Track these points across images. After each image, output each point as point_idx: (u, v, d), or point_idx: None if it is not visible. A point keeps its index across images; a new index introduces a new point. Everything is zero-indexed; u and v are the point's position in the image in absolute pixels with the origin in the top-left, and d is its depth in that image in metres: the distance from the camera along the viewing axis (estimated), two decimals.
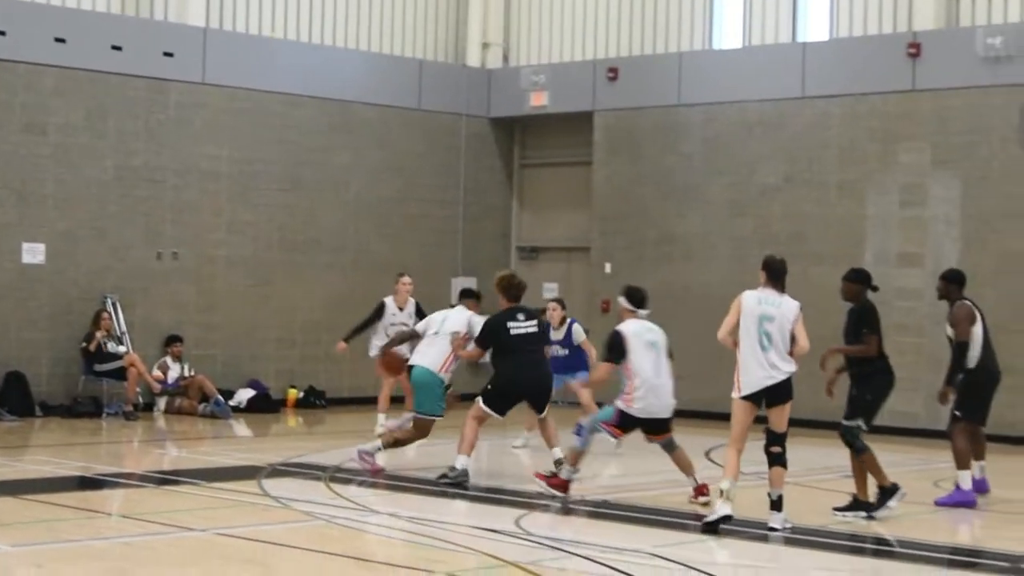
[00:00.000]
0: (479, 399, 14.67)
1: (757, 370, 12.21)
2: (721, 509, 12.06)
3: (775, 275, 12.42)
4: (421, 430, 15.09)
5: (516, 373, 14.66)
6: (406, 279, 18.79)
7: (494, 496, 14.09)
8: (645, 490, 14.72)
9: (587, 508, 13.55)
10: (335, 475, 14.93)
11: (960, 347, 13.98)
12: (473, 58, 25.78)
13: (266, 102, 22.77)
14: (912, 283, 20.42)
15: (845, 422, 13.11)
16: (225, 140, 22.37)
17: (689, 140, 23.16)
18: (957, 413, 14.01)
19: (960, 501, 13.70)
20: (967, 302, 14.18)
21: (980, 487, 14.16)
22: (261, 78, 22.73)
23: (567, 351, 17.50)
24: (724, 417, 12.80)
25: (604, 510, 13.49)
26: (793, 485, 13.07)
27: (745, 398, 12.23)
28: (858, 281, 13.44)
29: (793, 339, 12.27)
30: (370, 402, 18.77)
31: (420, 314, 17.82)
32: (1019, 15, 20.39)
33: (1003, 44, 19.88)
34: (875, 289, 13.38)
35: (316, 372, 23.09)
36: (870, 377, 13.20)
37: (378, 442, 15.18)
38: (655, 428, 13.70)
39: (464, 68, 25.59)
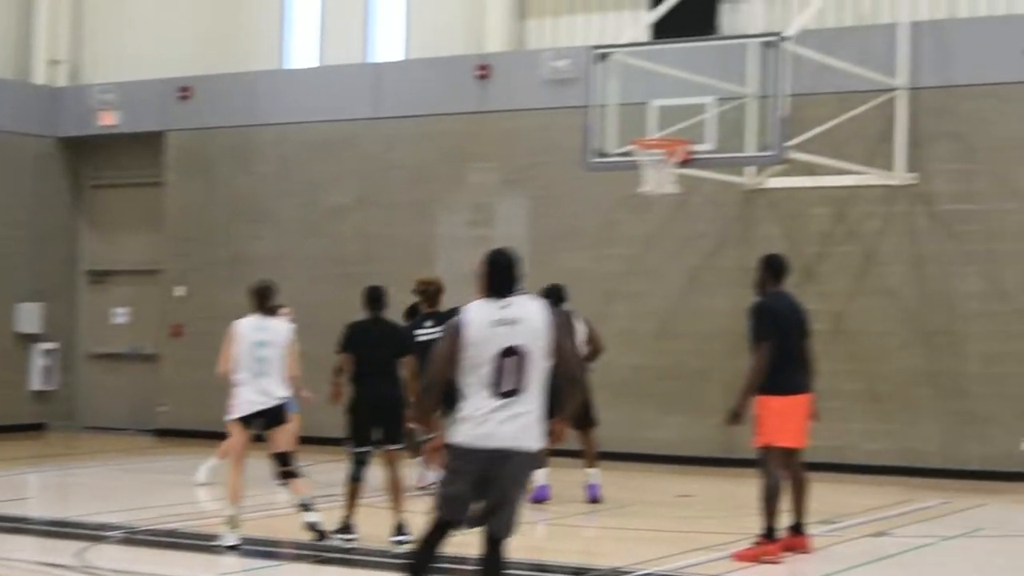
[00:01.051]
0: None
1: (251, 395, 12.55)
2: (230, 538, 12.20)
3: (259, 301, 13.01)
4: None
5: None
6: None
7: (59, 529, 13.61)
8: (216, 516, 14.47)
9: (155, 538, 13.23)
10: None
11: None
12: (39, 75, 24.94)
13: None
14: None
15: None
16: None
17: (262, 160, 22.96)
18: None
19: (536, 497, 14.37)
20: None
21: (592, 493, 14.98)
22: None
23: None
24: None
25: (172, 539, 13.19)
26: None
27: (240, 420, 12.61)
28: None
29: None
30: None
31: None
32: (583, 39, 20.95)
33: (568, 67, 20.39)
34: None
35: None
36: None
37: None
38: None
39: (29, 85, 24.73)
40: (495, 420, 8.26)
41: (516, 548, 12.71)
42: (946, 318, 18.05)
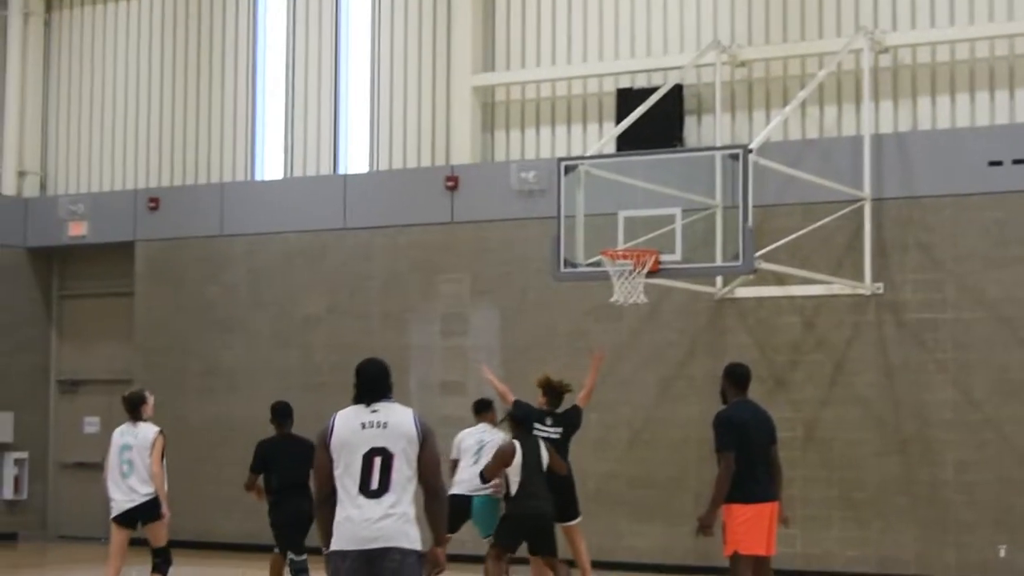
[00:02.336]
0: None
1: (119, 495, 14.09)
2: None
3: (128, 409, 14.63)
4: None
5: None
6: None
7: None
8: None
9: None
10: None
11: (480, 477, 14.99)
12: (8, 186, 25.04)
13: None
14: (455, 411, 20.74)
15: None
16: None
17: (232, 271, 23.05)
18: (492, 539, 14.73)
19: None
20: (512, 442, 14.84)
21: None
22: None
23: None
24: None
25: None
26: None
27: (114, 521, 14.02)
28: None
29: None
30: None
31: None
32: (549, 152, 21.19)
33: (535, 178, 20.61)
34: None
35: None
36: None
37: None
38: None
39: None
40: (368, 520, 8.53)
41: None
42: (919, 426, 18.20)
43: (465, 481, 15.49)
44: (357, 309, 21.86)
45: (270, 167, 23.84)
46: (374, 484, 8.55)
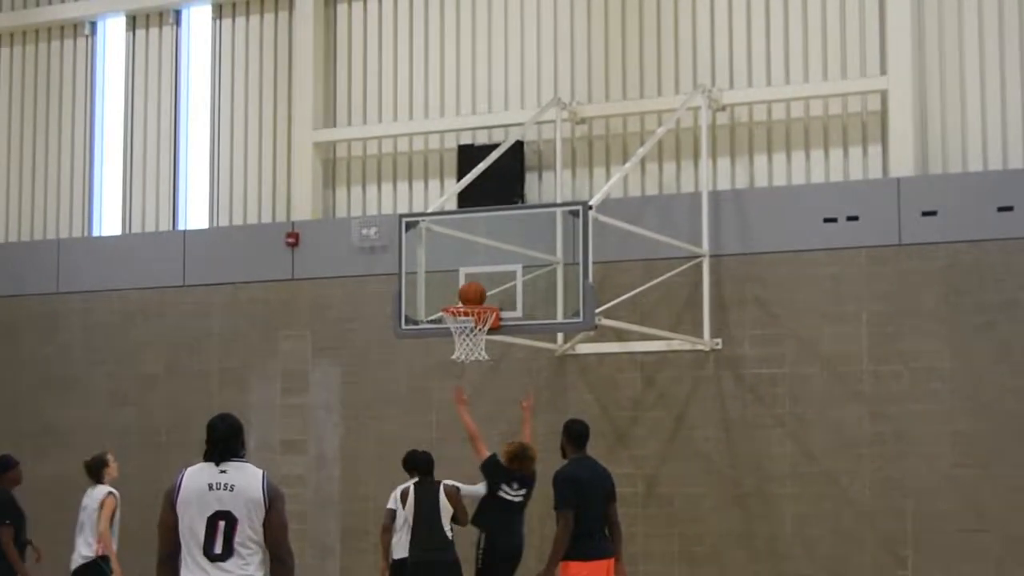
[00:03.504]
0: None
1: (73, 555, 15.13)
2: None
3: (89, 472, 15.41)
4: None
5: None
6: None
7: None
8: None
9: None
10: None
11: None
12: None
13: None
14: (296, 470, 20.59)
15: None
16: None
17: (69, 328, 22.68)
18: None
19: None
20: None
21: None
22: None
23: None
24: None
25: None
26: None
27: None
28: None
29: None
30: None
31: None
32: (391, 207, 21.15)
33: (377, 235, 20.56)
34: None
35: None
36: None
37: None
38: None
39: None
40: None
41: None
42: (757, 480, 18.35)
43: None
44: (196, 367, 21.60)
45: (108, 223, 23.52)
46: (217, 548, 8.43)
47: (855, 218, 18.33)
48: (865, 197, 18.37)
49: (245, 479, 8.61)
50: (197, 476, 8.64)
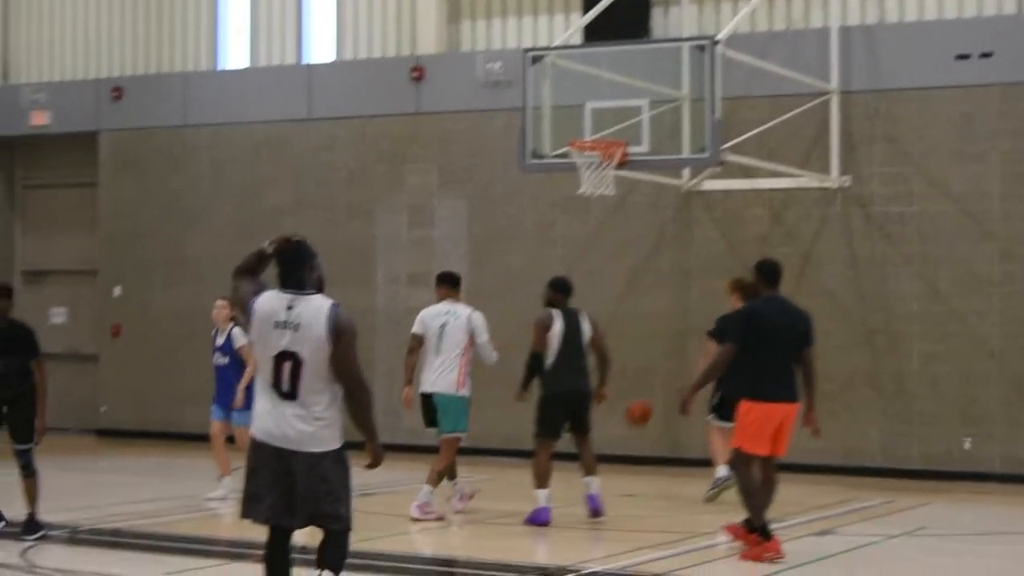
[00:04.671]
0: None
1: None
2: None
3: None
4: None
5: None
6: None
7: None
8: (158, 516, 14.48)
9: (98, 537, 13.23)
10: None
11: (530, 357, 14.35)
12: None
13: None
14: (421, 302, 20.69)
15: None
16: None
17: (196, 161, 22.92)
18: (535, 429, 14.20)
19: (536, 520, 13.82)
20: (549, 311, 14.36)
21: (593, 504, 14.14)
22: None
23: (227, 359, 16.00)
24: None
25: (116, 538, 13.21)
26: None
27: None
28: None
29: None
30: None
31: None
32: (516, 42, 21.07)
33: (502, 69, 20.50)
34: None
35: None
36: None
37: (426, 487, 14.16)
38: None
39: None
40: (280, 419, 8.24)
41: (455, 546, 12.91)
42: (884, 318, 18.30)
43: (427, 381, 14.73)
44: (323, 200, 21.78)
45: (234, 57, 23.64)
46: (284, 387, 8.24)
47: (988, 55, 18.00)
48: (999, 33, 18.03)
49: (311, 316, 8.24)
50: (267, 309, 8.33)
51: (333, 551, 8.38)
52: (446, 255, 20.90)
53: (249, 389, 15.30)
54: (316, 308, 8.28)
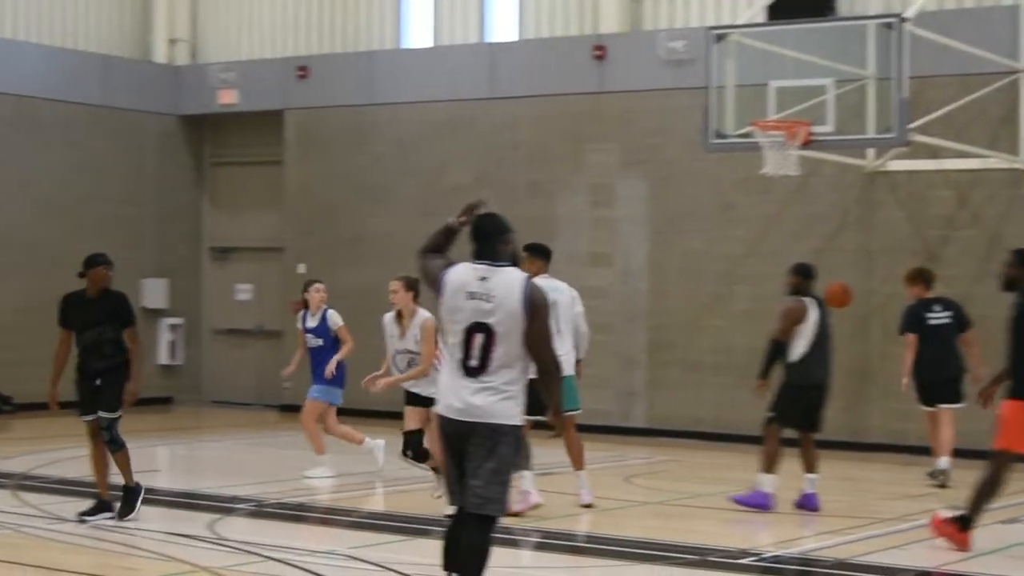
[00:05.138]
0: None
1: None
2: None
3: None
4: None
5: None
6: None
7: (187, 500, 13.90)
8: (341, 491, 14.69)
9: (283, 511, 13.46)
10: (23, 483, 14.49)
11: (772, 345, 13.94)
12: (160, 54, 25.34)
13: None
14: (602, 282, 20.79)
15: None
16: None
17: (380, 140, 23.17)
18: (770, 414, 13.89)
19: (754, 503, 13.63)
20: (802, 299, 13.93)
21: (809, 502, 13.81)
22: None
23: (322, 340, 16.15)
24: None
25: (300, 512, 13.43)
26: None
27: None
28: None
29: None
30: (67, 406, 17.64)
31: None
32: (699, 20, 20.96)
33: (684, 48, 20.41)
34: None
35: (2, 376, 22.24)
36: None
37: (526, 474, 13.07)
38: None
39: (151, 64, 25.12)
40: (463, 392, 8.08)
41: (638, 527, 12.90)
42: None
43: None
44: (504, 179, 21.88)
45: (418, 35, 23.84)
46: (473, 361, 8.08)
47: None
48: None
49: (506, 288, 8.08)
50: (460, 279, 8.17)
51: (473, 541, 8.14)
52: (627, 235, 20.89)
53: (340, 366, 15.83)
54: (510, 281, 8.13)
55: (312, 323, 16.12)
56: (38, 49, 23.50)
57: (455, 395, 8.14)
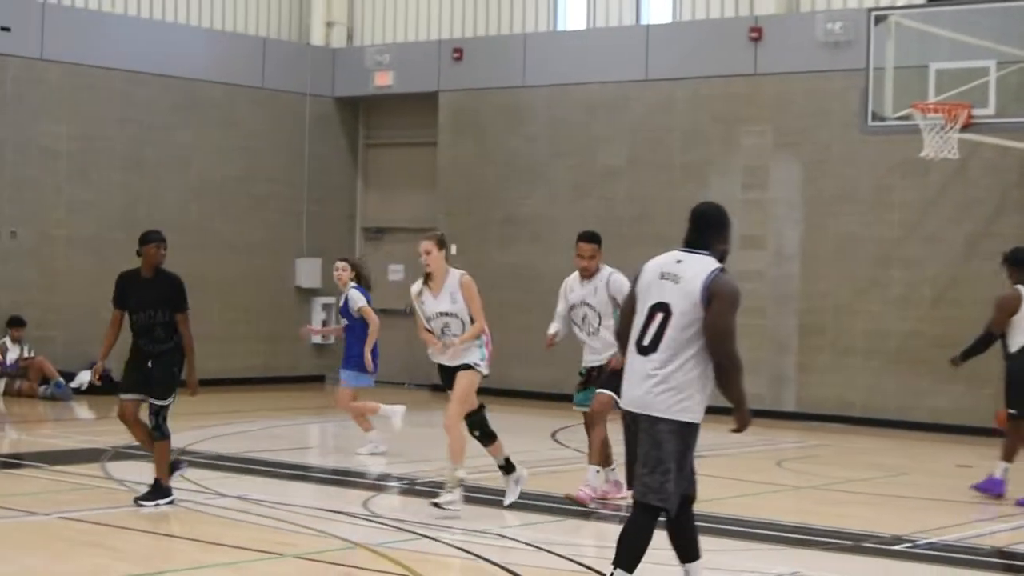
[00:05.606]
0: None
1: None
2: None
3: None
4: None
5: None
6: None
7: (341, 478, 14.05)
8: (493, 470, 14.74)
9: (435, 490, 13.55)
10: (180, 457, 14.75)
11: (985, 336, 13.71)
12: (317, 37, 25.61)
13: (107, 79, 22.38)
14: (754, 265, 20.67)
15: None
16: (64, 117, 21.95)
17: (533, 121, 23.22)
18: (1012, 412, 13.47)
19: (989, 488, 13.47)
20: (1018, 288, 13.54)
21: (993, 487, 13.58)
22: (101, 54, 22.34)
23: (346, 321, 15.93)
24: (566, 399, 12.90)
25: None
26: None
27: None
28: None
29: None
30: (221, 384, 18.05)
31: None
32: (857, 1, 20.72)
33: (842, 29, 20.19)
34: None
35: None
36: None
37: (593, 467, 12.67)
38: None
39: (308, 47, 25.41)
40: (634, 378, 7.99)
41: (790, 511, 12.82)
42: None
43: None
44: (657, 161, 21.83)
45: (572, 17, 23.84)
46: (647, 340, 7.96)
47: None
48: None
49: (693, 272, 7.93)
50: (658, 263, 8.11)
51: (637, 530, 8.04)
52: (780, 217, 20.75)
53: (374, 352, 15.60)
54: (700, 266, 7.98)
55: (341, 303, 15.95)
56: (200, 33, 23.91)
57: (627, 382, 8.08)
